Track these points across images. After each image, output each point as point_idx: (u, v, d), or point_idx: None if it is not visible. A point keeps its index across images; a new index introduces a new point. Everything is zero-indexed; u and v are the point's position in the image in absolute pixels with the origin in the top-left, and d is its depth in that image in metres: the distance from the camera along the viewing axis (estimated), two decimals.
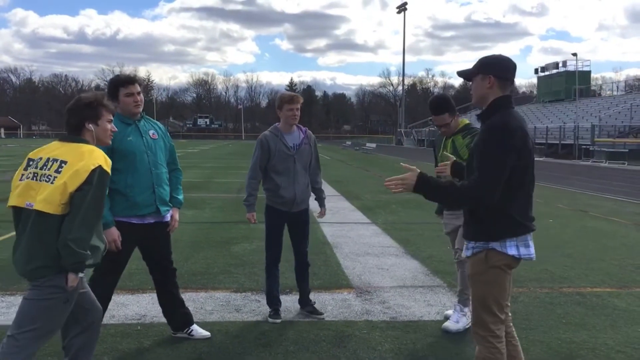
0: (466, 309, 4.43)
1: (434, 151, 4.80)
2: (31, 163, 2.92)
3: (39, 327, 2.87)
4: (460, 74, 3.03)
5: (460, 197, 2.78)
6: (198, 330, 4.27)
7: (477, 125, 3.44)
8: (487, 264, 2.81)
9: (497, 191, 2.68)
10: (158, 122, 4.16)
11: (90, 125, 3.01)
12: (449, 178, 3.31)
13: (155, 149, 3.95)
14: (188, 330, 4.25)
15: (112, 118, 3.16)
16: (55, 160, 2.86)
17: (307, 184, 4.76)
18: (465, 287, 4.46)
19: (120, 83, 3.87)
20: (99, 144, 3.06)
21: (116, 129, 3.25)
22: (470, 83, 2.97)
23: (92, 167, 2.81)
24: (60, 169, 2.81)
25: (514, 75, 2.91)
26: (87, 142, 2.97)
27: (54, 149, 2.95)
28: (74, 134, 3.00)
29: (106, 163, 2.90)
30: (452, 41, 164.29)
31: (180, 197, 4.18)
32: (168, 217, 4.04)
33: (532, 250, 2.86)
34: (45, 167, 2.85)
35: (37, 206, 2.78)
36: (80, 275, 2.85)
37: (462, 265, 4.40)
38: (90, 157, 2.86)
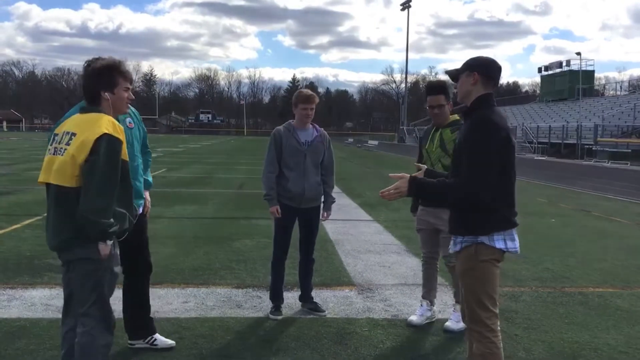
0: None
1: (420, 146, 4.76)
2: (55, 138, 2.93)
3: (98, 298, 2.93)
4: (449, 73, 3.11)
5: (455, 196, 2.82)
6: (161, 339, 3.99)
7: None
8: (477, 259, 2.85)
9: (489, 187, 2.74)
10: (132, 108, 3.70)
11: (107, 94, 2.96)
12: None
13: (132, 139, 3.62)
14: (150, 339, 3.96)
15: (129, 86, 3.09)
16: (68, 133, 2.87)
17: (318, 182, 4.74)
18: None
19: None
20: (116, 113, 3.03)
21: (133, 97, 3.14)
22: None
23: (96, 137, 2.77)
24: (70, 141, 2.82)
25: (498, 76, 3.00)
26: (100, 112, 2.91)
27: (71, 121, 2.95)
28: (92, 104, 2.97)
29: (115, 129, 2.83)
30: (455, 39, 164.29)
31: (150, 179, 4.03)
32: (140, 210, 3.81)
33: (517, 244, 2.92)
34: (62, 141, 2.86)
35: (52, 180, 2.81)
36: (109, 242, 2.84)
37: (454, 269, 4.42)
38: (95, 126, 2.81)
